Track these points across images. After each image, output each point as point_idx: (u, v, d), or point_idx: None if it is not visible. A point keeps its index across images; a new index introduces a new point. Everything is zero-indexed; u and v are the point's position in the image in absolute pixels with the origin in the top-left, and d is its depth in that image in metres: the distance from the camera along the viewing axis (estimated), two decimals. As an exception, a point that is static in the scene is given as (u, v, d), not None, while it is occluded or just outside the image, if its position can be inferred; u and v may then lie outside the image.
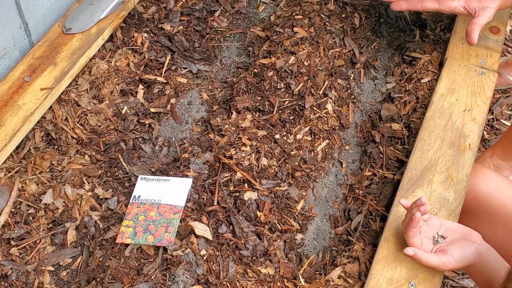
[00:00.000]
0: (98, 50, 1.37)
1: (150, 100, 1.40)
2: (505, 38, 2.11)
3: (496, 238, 1.14)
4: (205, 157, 1.24)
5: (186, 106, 1.41)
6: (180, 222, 1.12)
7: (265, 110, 1.35)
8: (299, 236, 1.19)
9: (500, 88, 2.03)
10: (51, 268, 1.12)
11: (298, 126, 1.33)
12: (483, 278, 1.03)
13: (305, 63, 1.41)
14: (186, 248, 1.08)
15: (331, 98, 1.39)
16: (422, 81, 1.40)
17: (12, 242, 1.12)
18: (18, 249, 1.12)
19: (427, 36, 1.52)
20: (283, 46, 1.44)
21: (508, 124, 1.95)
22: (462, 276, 1.63)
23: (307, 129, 1.33)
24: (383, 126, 1.36)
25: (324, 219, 1.26)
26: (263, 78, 1.39)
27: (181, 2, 1.56)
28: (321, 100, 1.37)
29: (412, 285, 1.03)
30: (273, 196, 1.20)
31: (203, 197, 1.18)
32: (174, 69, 1.45)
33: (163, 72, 1.43)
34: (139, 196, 1.17)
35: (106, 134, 1.31)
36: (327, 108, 1.37)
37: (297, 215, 1.21)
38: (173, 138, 1.36)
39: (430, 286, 1.03)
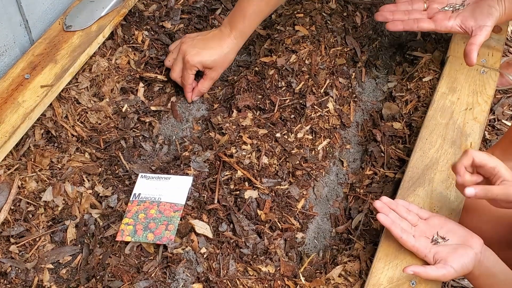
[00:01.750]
0: (99, 47, 1.37)
1: (150, 98, 1.39)
2: (507, 38, 2.11)
3: (496, 236, 1.14)
4: (205, 156, 1.24)
5: (186, 104, 1.41)
6: (181, 220, 1.12)
7: (266, 108, 1.34)
8: (299, 235, 1.19)
9: (502, 88, 2.02)
10: (51, 266, 1.11)
11: (299, 125, 1.32)
12: (481, 283, 1.03)
13: (306, 62, 1.40)
14: (186, 246, 1.08)
15: (332, 97, 1.38)
16: (423, 80, 1.40)
17: (12, 240, 1.12)
18: (17, 247, 1.11)
19: (428, 35, 1.51)
20: (284, 45, 1.43)
21: (509, 124, 1.95)
22: (462, 276, 1.63)
23: (308, 127, 1.33)
24: (384, 125, 1.36)
25: (325, 218, 1.25)
26: (264, 77, 1.38)
27: (182, 0, 1.56)
28: (322, 99, 1.37)
29: (413, 284, 1.02)
30: (273, 194, 1.19)
31: (203, 195, 1.17)
32: (174, 67, 1.45)
33: (163, 70, 1.43)
34: (139, 194, 1.17)
35: (106, 132, 1.31)
36: (328, 107, 1.36)
37: (297, 214, 1.21)
38: (174, 137, 1.35)
39: (430, 285, 1.03)
